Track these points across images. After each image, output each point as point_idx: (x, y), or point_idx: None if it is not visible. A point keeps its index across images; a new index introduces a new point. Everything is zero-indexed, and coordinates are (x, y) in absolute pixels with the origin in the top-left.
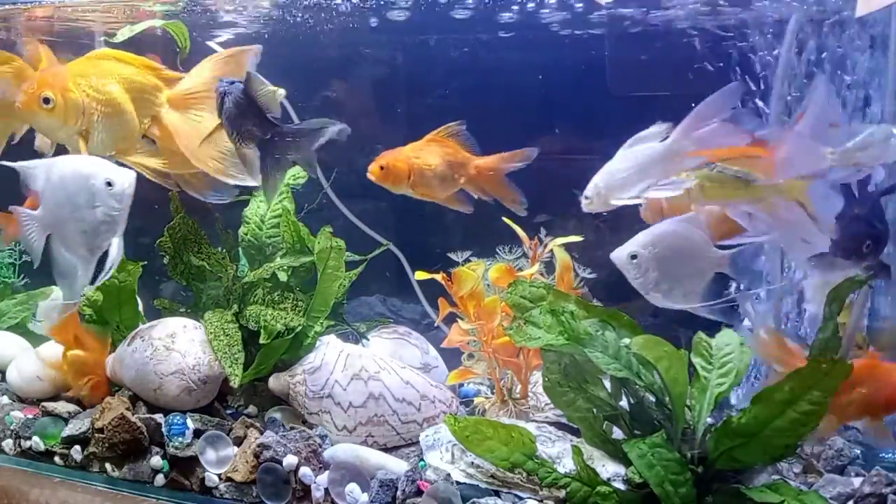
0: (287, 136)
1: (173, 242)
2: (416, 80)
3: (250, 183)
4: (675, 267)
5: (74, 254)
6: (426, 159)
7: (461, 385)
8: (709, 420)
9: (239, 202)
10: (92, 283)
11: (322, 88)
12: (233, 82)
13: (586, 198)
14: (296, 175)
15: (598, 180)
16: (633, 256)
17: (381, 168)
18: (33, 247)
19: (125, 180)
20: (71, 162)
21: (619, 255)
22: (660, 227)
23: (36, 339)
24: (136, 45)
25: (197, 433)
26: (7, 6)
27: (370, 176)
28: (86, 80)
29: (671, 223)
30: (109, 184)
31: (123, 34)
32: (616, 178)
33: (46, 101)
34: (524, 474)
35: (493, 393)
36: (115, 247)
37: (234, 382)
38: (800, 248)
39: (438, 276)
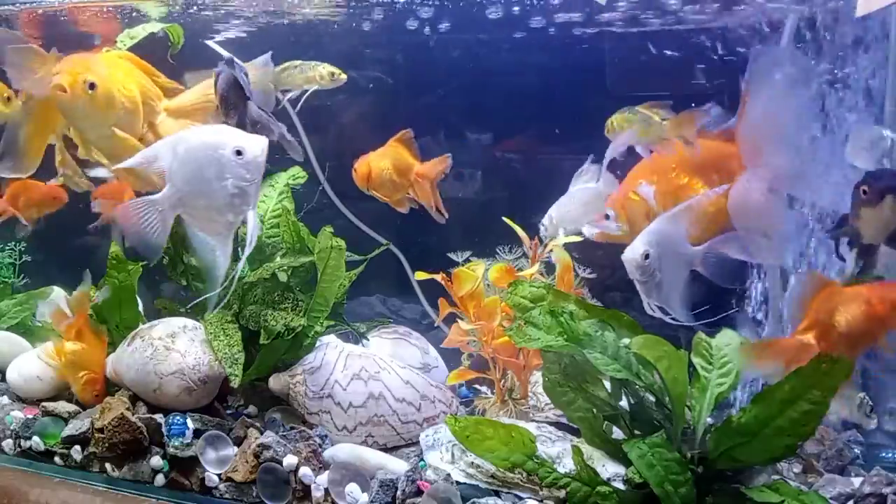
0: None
1: (173, 242)
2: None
3: None
4: (670, 266)
5: (209, 232)
6: (380, 163)
7: (461, 385)
8: (709, 420)
9: None
10: (235, 260)
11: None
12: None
13: (542, 225)
14: (295, 175)
15: (552, 211)
16: (647, 256)
17: (355, 170)
18: (154, 238)
19: (256, 147)
20: (197, 133)
21: (633, 255)
22: (655, 225)
23: (36, 339)
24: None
25: (197, 433)
26: (7, 6)
27: None
28: (115, 74)
29: (661, 221)
30: (239, 152)
31: (124, 42)
32: (564, 211)
33: (92, 86)
34: (524, 474)
35: (492, 393)
36: (252, 220)
37: (234, 382)
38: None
39: (438, 277)
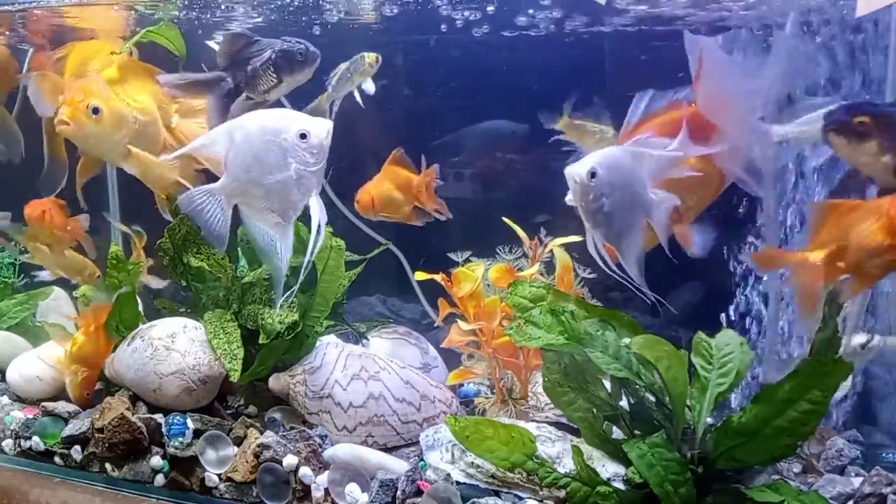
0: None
1: (173, 243)
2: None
3: None
4: (622, 201)
5: (267, 223)
6: (380, 187)
7: (461, 385)
8: (709, 420)
9: None
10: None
11: None
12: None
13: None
14: None
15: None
16: (594, 174)
17: (357, 202)
18: (217, 228)
19: (321, 131)
20: (256, 118)
21: (579, 171)
22: (613, 149)
23: (36, 339)
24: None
25: (197, 433)
26: (6, 6)
27: None
28: (122, 89)
29: (620, 149)
30: (303, 136)
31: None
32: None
33: (95, 111)
34: (524, 474)
35: (492, 393)
36: (316, 207)
37: (234, 377)
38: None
39: (438, 277)
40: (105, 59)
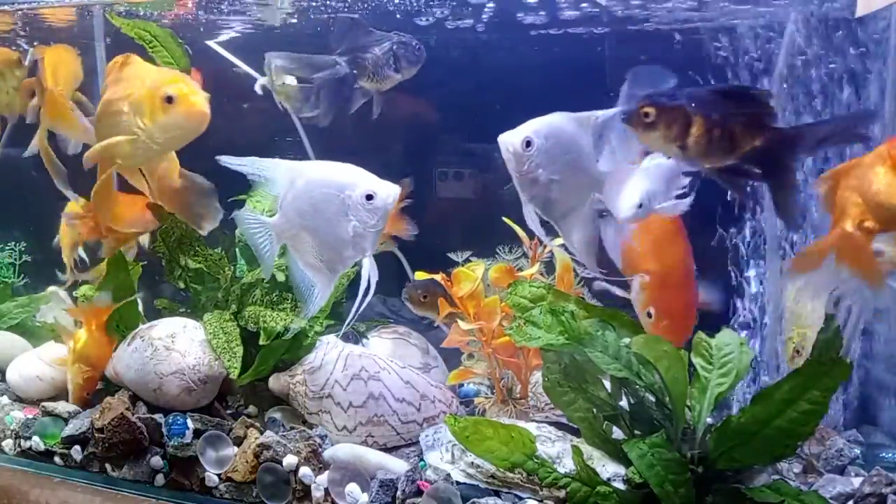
0: None
1: (167, 246)
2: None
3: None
4: (564, 170)
5: (312, 270)
6: None
7: (461, 385)
8: (709, 420)
9: (235, 203)
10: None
11: None
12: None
13: (640, 206)
14: None
15: (637, 197)
16: (529, 143)
17: None
18: (264, 255)
19: (388, 195)
20: (321, 168)
21: (512, 140)
22: (554, 117)
23: (36, 340)
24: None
25: (197, 433)
26: (6, 6)
27: None
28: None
29: (566, 118)
30: (370, 197)
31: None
32: (654, 189)
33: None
34: (524, 474)
35: (492, 393)
36: (368, 268)
37: (234, 375)
38: None
39: (438, 277)
40: (72, 63)
